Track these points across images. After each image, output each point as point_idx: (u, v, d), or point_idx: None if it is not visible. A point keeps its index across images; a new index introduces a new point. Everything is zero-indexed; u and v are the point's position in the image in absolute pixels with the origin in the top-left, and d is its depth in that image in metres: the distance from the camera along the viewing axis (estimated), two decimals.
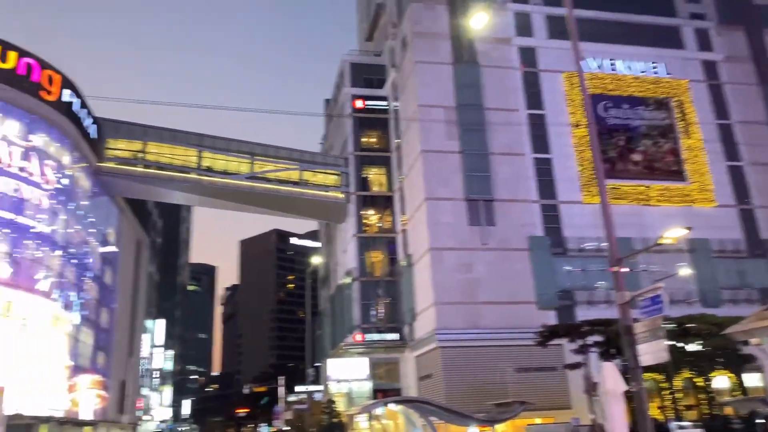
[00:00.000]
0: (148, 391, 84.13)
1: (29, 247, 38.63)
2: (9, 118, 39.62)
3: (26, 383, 37.48)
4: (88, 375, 48.95)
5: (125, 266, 61.02)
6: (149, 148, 51.11)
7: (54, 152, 42.58)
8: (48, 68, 41.97)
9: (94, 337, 51.65)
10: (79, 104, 45.02)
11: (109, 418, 56.39)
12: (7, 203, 37.66)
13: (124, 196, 56.92)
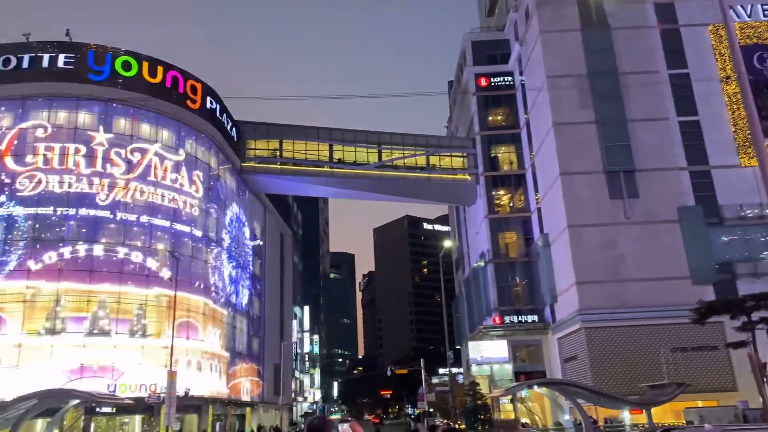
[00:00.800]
0: (299, 374, 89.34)
1: (186, 248, 42.24)
2: (162, 128, 43.52)
3: (193, 369, 41.26)
4: (245, 363, 52.94)
5: (272, 257, 64.98)
6: (285, 146, 53.76)
7: (202, 156, 46.17)
8: (190, 78, 45.44)
9: (248, 324, 55.67)
10: (219, 110, 48.34)
11: (267, 399, 60.60)
12: (164, 212, 41.51)
13: (266, 193, 60.51)
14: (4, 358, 34.98)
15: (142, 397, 35.71)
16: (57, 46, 41.11)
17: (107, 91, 40.90)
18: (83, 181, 38.88)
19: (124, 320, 38.18)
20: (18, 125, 39.47)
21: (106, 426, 40.22)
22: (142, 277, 39.56)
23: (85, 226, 38.61)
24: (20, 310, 35.98)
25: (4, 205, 37.60)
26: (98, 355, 36.73)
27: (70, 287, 37.32)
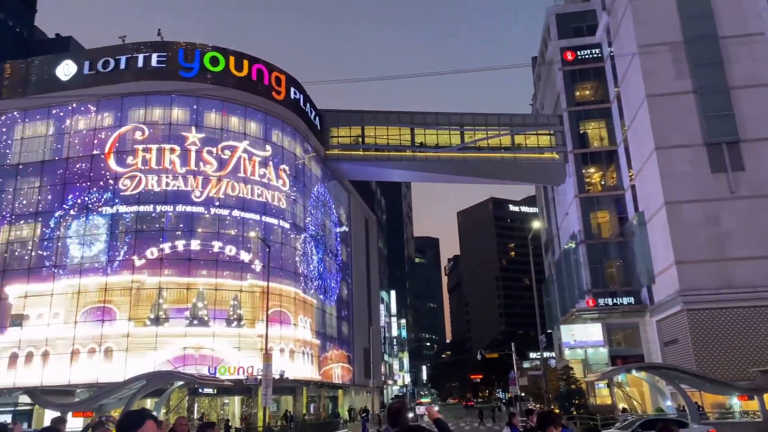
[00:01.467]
0: (388, 358, 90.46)
1: (276, 239, 43.49)
2: (250, 120, 44.89)
3: (286, 357, 42.60)
4: (335, 350, 54.17)
5: (357, 243, 65.90)
6: (367, 132, 54.08)
7: (288, 146, 47.30)
8: (275, 70, 46.48)
9: (336, 309, 56.84)
10: (302, 100, 49.24)
11: (358, 382, 61.80)
12: (254, 206, 42.91)
13: (350, 179, 61.26)
14: (115, 346, 37.52)
15: (240, 379, 37.30)
16: (150, 46, 43.17)
17: (197, 87, 42.58)
18: (179, 179, 40.77)
19: (221, 310, 39.93)
20: (118, 128, 41.81)
21: (208, 406, 42.40)
22: (236, 268, 41.15)
23: (182, 221, 40.54)
24: (127, 302, 38.38)
25: (110, 205, 40.09)
26: (198, 344, 38.64)
27: (171, 280, 39.41)
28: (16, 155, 42.80)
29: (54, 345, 37.98)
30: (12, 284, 40.00)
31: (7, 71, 45.27)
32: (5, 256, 40.90)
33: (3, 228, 41.39)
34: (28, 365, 37.77)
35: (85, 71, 42.59)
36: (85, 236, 40.07)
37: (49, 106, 42.91)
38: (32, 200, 41.63)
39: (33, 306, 39.16)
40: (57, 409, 31.06)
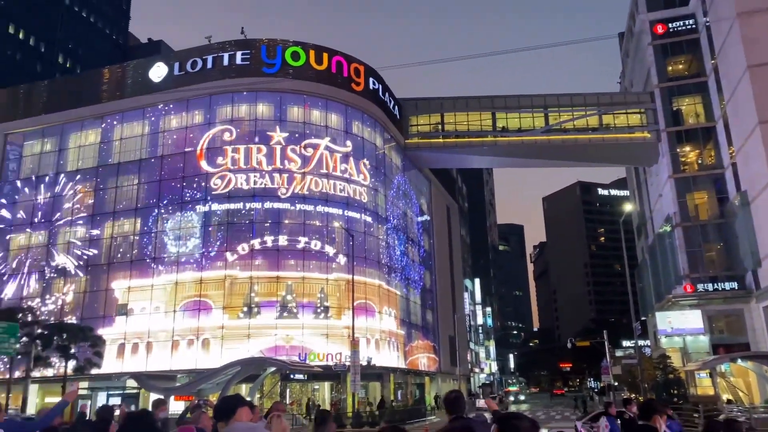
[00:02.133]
0: (474, 346, 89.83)
1: (359, 232, 43.98)
2: (331, 112, 45.57)
3: (372, 348, 43.15)
4: (420, 341, 54.37)
5: (439, 231, 65.63)
6: (447, 119, 53.55)
7: (368, 137, 47.65)
8: (354, 62, 46.88)
9: (420, 298, 56.95)
10: (381, 90, 49.39)
11: (444, 370, 61.77)
12: (337, 200, 43.57)
13: (430, 167, 60.98)
14: (211, 337, 39.36)
15: (329, 365, 38.19)
16: (234, 44, 44.65)
17: (280, 82, 43.64)
18: (266, 177, 42.01)
19: (308, 303, 40.97)
20: (207, 126, 43.54)
21: (300, 391, 43.73)
22: (322, 261, 42.00)
23: (270, 217, 41.80)
24: (221, 296, 40.10)
25: (202, 203, 41.95)
26: (288, 335, 39.85)
27: (261, 274, 40.78)
28: (117, 155, 45.57)
29: (156, 336, 40.35)
30: (117, 277, 42.76)
31: (105, 76, 48.28)
32: (110, 250, 43.75)
33: (107, 223, 44.27)
34: (134, 354, 40.38)
35: (175, 72, 44.66)
36: (181, 232, 42.18)
37: (144, 107, 45.32)
38: (132, 197, 44.24)
39: (136, 299, 41.74)
40: (160, 392, 33.01)
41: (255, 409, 7.29)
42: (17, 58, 68.05)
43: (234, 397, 4.26)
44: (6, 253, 46.37)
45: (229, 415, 3.97)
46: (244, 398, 4.31)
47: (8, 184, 48.02)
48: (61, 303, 43.44)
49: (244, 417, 3.96)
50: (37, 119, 47.95)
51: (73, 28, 76.60)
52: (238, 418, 3.93)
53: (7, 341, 26.30)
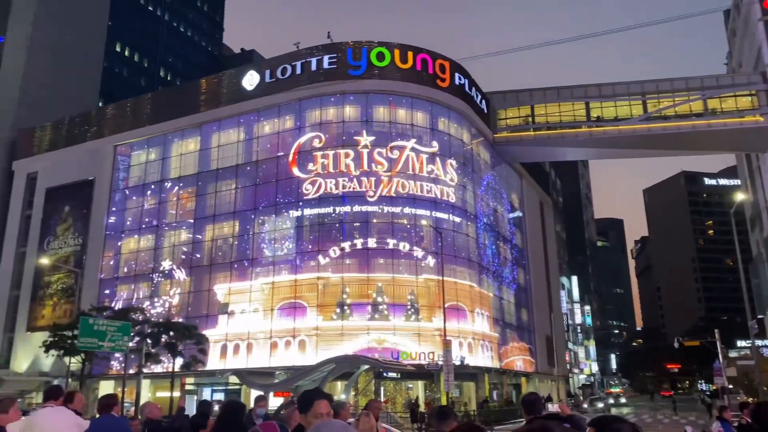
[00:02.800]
0: (573, 346, 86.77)
1: (447, 233, 43.47)
2: (417, 110, 45.42)
3: (465, 350, 42.58)
4: (515, 342, 53.13)
5: (532, 228, 63.83)
6: (537, 111, 51.99)
7: (454, 133, 47.06)
8: (439, 58, 46.49)
9: (514, 296, 55.64)
10: (467, 84, 48.64)
11: (541, 370, 60.04)
12: (424, 202, 43.30)
13: (520, 162, 59.44)
14: (307, 338, 40.31)
15: (422, 364, 38.06)
16: (321, 49, 45.52)
17: (366, 84, 44.01)
18: (354, 181, 42.42)
19: (399, 305, 40.97)
20: (298, 131, 44.57)
21: (393, 390, 43.91)
22: (411, 263, 41.87)
23: (359, 220, 42.22)
24: (315, 298, 40.95)
25: (295, 207, 43.05)
26: (380, 337, 40.05)
27: (352, 276, 41.21)
28: (215, 161, 47.71)
29: (255, 336, 41.84)
30: (218, 279, 44.74)
31: (202, 87, 50.73)
32: (211, 253, 45.87)
33: (208, 227, 46.45)
34: (236, 354, 42.07)
35: (266, 80, 46.17)
36: (276, 235, 43.52)
37: (239, 114, 47.16)
38: (230, 201, 46.15)
39: (236, 301, 43.49)
40: (260, 389, 34.19)
41: (346, 405, 7.25)
42: (124, 74, 73.07)
43: (313, 391, 4.27)
44: (118, 257, 49.77)
45: (306, 407, 4.02)
46: (322, 392, 4.33)
47: (118, 192, 51.52)
48: (168, 304, 46.02)
49: (323, 409, 3.98)
50: (142, 130, 51.13)
51: (172, 43, 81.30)
52: (316, 410, 3.97)
53: (121, 339, 28.10)
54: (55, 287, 51.49)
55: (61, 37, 61.69)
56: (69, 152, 54.01)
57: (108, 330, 27.41)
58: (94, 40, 66.54)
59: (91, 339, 26.59)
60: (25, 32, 59.97)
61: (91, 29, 66.07)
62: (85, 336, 26.46)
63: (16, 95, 58.70)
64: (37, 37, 60.37)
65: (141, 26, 76.50)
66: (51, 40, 60.92)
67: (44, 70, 59.95)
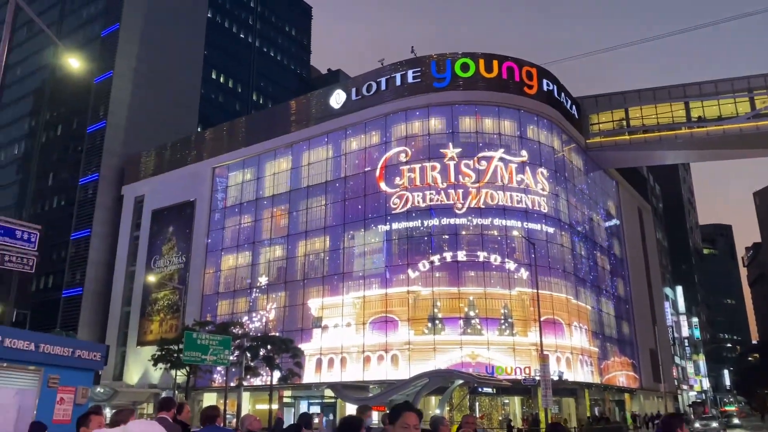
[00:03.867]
0: (680, 361, 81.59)
1: (540, 244, 42.06)
2: (503, 119, 44.68)
3: (563, 365, 41.01)
4: (616, 357, 50.64)
5: (631, 236, 60.85)
6: (632, 113, 49.76)
7: (544, 140, 45.79)
8: (525, 65, 45.58)
9: (614, 308, 53.10)
10: (556, 90, 47.30)
11: (646, 386, 56.79)
12: (515, 213, 42.26)
13: (616, 167, 56.96)
14: (399, 353, 40.27)
15: (518, 379, 36.99)
16: (405, 64, 45.85)
17: (451, 95, 43.81)
18: (441, 194, 42.17)
19: (492, 319, 40.08)
20: (384, 147, 44.99)
21: (489, 405, 42.91)
22: (503, 276, 40.93)
23: (448, 233, 41.84)
24: (405, 312, 40.88)
25: (383, 222, 43.34)
26: (474, 352, 39.32)
27: (443, 290, 40.79)
28: (305, 179, 49.03)
29: (348, 350, 42.31)
30: (311, 294, 45.71)
31: (292, 108, 52.44)
32: (304, 268, 47.00)
33: (300, 243, 47.68)
34: (330, 369, 42.70)
35: (353, 97, 47.03)
36: (365, 249, 43.96)
37: (327, 132, 48.27)
38: (320, 217, 47.19)
39: (328, 315, 44.23)
40: (354, 402, 34.38)
41: (444, 420, 7.10)
42: (219, 99, 76.88)
43: (402, 404, 4.35)
44: (219, 273, 52.07)
45: (395, 419, 4.19)
46: (411, 405, 4.38)
47: (217, 212, 54.02)
48: (265, 318, 47.51)
49: (410, 421, 4.13)
50: (238, 152, 53.46)
51: (263, 68, 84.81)
52: (404, 421, 4.11)
53: (222, 353, 29.18)
54: (161, 303, 54.56)
55: (162, 68, 65.98)
56: (172, 175, 57.32)
57: (210, 344, 28.54)
58: (192, 69, 70.63)
59: (195, 353, 27.76)
60: (130, 66, 64.54)
61: (189, 59, 70.20)
62: (190, 350, 27.66)
63: (123, 124, 63.16)
64: (140, 69, 64.85)
65: (234, 53, 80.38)
66: (153, 72, 65.26)
67: (147, 100, 64.23)
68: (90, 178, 62.10)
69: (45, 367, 8.73)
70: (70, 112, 67.63)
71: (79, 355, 9.37)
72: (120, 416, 5.87)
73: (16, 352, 8.27)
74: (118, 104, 63.12)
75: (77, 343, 10.13)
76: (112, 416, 5.95)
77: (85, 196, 62.11)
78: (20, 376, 8.69)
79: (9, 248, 11.67)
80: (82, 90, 65.58)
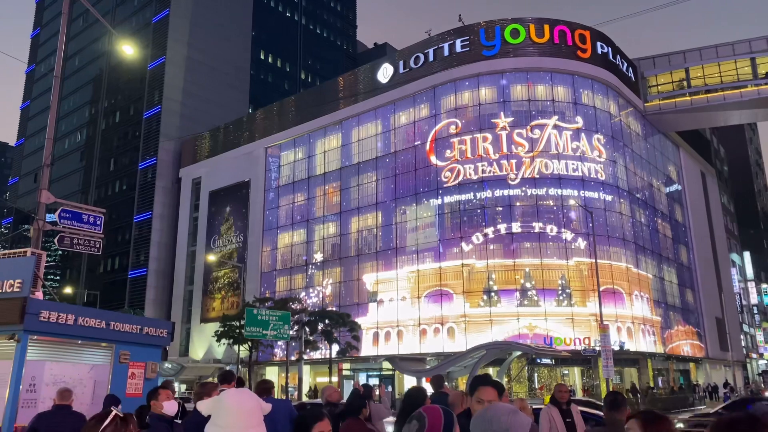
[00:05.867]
0: (749, 328, 78.68)
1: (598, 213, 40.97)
2: (557, 85, 43.43)
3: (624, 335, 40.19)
4: (681, 326, 49.22)
5: (694, 201, 58.58)
6: (693, 73, 47.50)
7: (600, 105, 44.31)
8: (578, 28, 44.03)
9: (677, 275, 51.48)
10: (611, 52, 45.56)
11: (712, 355, 55.11)
12: (571, 181, 41.21)
13: (677, 131, 54.68)
14: (455, 325, 40.31)
15: (577, 350, 36.50)
16: (453, 33, 44.99)
17: (501, 63, 42.81)
18: (493, 165, 41.53)
19: (549, 290, 39.54)
20: (433, 119, 44.51)
21: (548, 376, 42.56)
22: (560, 246, 40.18)
23: (501, 205, 41.27)
24: (461, 285, 40.75)
25: (435, 196, 43.09)
26: (531, 323, 38.97)
27: (498, 262, 40.43)
28: (355, 156, 49.16)
29: (405, 324, 42.66)
30: (365, 269, 46.15)
31: (340, 85, 52.45)
32: (358, 244, 47.42)
33: (353, 219, 48.05)
34: (387, 342, 43.22)
35: (400, 71, 46.60)
36: (417, 223, 43.91)
37: (376, 108, 48.11)
38: (372, 193, 47.34)
39: (383, 290, 44.60)
40: (412, 374, 34.72)
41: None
42: (269, 79, 77.60)
43: (482, 377, 4.33)
44: (275, 251, 53.17)
45: (472, 392, 4.12)
46: (491, 378, 4.30)
47: (271, 191, 54.95)
48: (322, 294, 48.36)
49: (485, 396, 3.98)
50: (288, 132, 54.04)
51: (310, 46, 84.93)
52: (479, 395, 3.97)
53: (282, 328, 29.95)
54: (222, 281, 56.26)
55: (212, 51, 67.08)
56: (226, 157, 58.56)
57: (270, 319, 29.32)
58: (241, 50, 71.51)
59: (256, 328, 28.58)
60: (181, 51, 65.84)
61: (238, 41, 71.05)
62: (251, 325, 28.50)
63: (178, 109, 64.71)
64: (191, 53, 66.08)
65: (281, 33, 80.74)
66: (204, 55, 66.43)
67: (200, 83, 65.53)
68: (148, 163, 64.13)
69: (116, 343, 9.13)
70: (126, 98, 69.75)
71: (147, 332, 9.75)
72: (205, 389, 6.15)
73: (89, 329, 8.67)
74: (172, 89, 64.60)
75: (145, 320, 10.55)
76: (197, 388, 6.47)
77: (144, 179, 64.25)
78: (94, 353, 9.12)
79: (77, 232, 12.19)
80: (137, 77, 67.46)
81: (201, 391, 6.13)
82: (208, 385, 6.33)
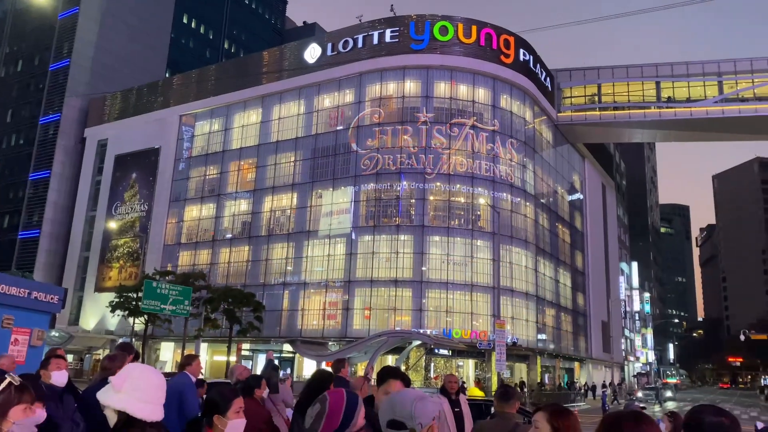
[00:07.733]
0: (630, 333, 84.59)
1: (505, 210, 42.67)
2: (478, 87, 44.53)
3: (518, 323, 42.10)
4: (570, 327, 52.06)
5: (593, 211, 62.13)
6: (604, 90, 50.18)
7: (517, 111, 45.90)
8: (503, 33, 45.31)
9: (571, 278, 54.49)
10: (531, 61, 47.26)
11: (596, 356, 58.88)
12: (483, 180, 42.56)
13: (584, 142, 57.67)
14: (359, 313, 40.69)
15: (473, 342, 37.91)
16: (384, 22, 45.07)
17: (427, 58, 43.36)
18: (412, 159, 42.04)
19: (453, 284, 40.61)
20: (358, 106, 44.46)
21: (444, 366, 43.95)
22: (467, 244, 41.35)
23: (415, 198, 41.77)
24: (369, 273, 41.10)
25: (351, 183, 43.01)
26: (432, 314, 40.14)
27: (407, 254, 41.09)
28: (275, 133, 48.31)
29: (309, 308, 42.74)
30: (275, 249, 45.62)
31: (265, 59, 51.26)
32: (269, 223, 46.73)
33: (267, 198, 47.28)
34: (290, 324, 43.09)
35: (328, 53, 46.15)
36: (333, 209, 43.85)
37: (300, 88, 47.42)
38: (289, 173, 46.73)
39: (291, 272, 44.36)
40: (312, 358, 34.86)
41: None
42: (190, 45, 74.60)
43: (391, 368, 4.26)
44: (181, 224, 51.41)
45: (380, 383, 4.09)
46: (399, 371, 4.27)
47: (182, 161, 52.99)
48: (227, 271, 47.33)
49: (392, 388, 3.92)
50: (206, 101, 52.21)
51: (236, 16, 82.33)
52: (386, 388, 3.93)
53: (182, 303, 29.06)
54: (121, 251, 53.77)
55: (132, 7, 63.49)
56: (137, 121, 55.82)
57: (170, 294, 28.38)
58: (163, 11, 68.14)
59: (154, 302, 27.59)
60: (97, 3, 61.90)
61: (160, 0, 67.64)
62: (149, 298, 27.47)
63: (88, 64, 60.91)
64: (108, 7, 62.28)
65: None
66: (122, 11, 62.76)
67: (115, 40, 61.93)
68: (51, 118, 60.07)
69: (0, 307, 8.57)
70: (32, 47, 64.85)
71: (36, 296, 9.23)
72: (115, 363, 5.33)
73: None
74: (84, 43, 60.70)
75: (34, 284, 9.96)
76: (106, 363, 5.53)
77: (45, 135, 60.15)
78: None
79: None
80: (45, 25, 62.85)
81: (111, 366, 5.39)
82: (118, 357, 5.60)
